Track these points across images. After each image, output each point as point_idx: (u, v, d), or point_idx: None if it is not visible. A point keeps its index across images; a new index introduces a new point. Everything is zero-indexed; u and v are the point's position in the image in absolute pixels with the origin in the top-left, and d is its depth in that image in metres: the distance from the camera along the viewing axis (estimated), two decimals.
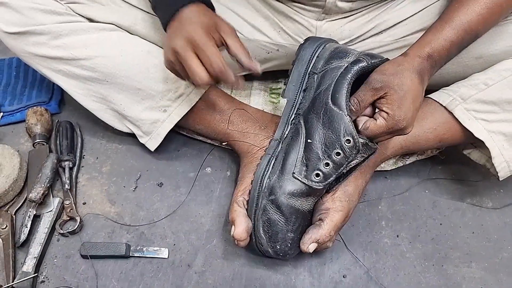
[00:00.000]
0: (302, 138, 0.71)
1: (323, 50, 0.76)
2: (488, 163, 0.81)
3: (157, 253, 0.78)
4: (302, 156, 0.70)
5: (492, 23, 0.71)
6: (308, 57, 0.76)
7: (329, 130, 0.68)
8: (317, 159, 0.68)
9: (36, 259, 0.75)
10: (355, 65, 0.69)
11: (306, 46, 0.77)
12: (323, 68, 0.73)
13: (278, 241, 0.71)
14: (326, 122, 0.68)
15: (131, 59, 0.79)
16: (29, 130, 0.91)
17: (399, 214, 0.85)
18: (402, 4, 0.81)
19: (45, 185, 0.80)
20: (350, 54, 0.72)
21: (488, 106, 0.75)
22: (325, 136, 0.68)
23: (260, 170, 0.72)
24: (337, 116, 0.67)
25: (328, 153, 0.68)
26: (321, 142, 0.68)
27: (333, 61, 0.72)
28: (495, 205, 0.88)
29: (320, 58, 0.75)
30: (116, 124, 0.86)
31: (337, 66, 0.71)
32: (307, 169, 0.69)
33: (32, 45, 0.77)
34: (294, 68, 0.77)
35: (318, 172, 0.69)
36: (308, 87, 0.74)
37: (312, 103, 0.72)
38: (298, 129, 0.72)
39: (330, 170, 0.68)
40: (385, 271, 0.78)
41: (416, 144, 0.81)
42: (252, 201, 0.72)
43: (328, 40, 0.78)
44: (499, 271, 0.79)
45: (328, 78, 0.71)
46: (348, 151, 0.67)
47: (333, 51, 0.74)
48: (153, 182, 0.87)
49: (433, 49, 0.67)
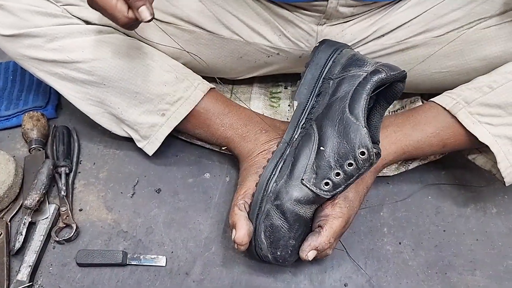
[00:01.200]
0: (315, 144, 0.69)
1: (339, 55, 0.75)
2: (494, 169, 0.79)
3: (155, 261, 0.76)
4: (313, 163, 0.68)
5: None
6: (324, 61, 0.75)
7: (344, 139, 0.67)
8: (329, 167, 0.67)
9: (31, 268, 0.73)
10: (374, 75, 0.68)
11: (322, 50, 0.76)
12: (340, 75, 0.72)
13: (279, 247, 0.69)
14: (342, 131, 0.67)
15: (128, 62, 0.77)
16: (25, 135, 0.89)
17: (401, 220, 0.84)
18: (403, 8, 0.79)
19: (41, 192, 0.79)
20: (368, 63, 0.71)
21: (493, 109, 0.74)
22: (339, 146, 0.67)
23: (267, 173, 0.71)
24: (353, 126, 0.66)
25: (340, 163, 0.67)
26: (334, 151, 0.67)
27: (351, 69, 0.71)
28: (500, 211, 0.86)
29: (336, 63, 0.74)
30: (113, 128, 0.85)
31: (355, 74, 0.70)
32: (317, 177, 0.68)
33: (28, 48, 0.76)
34: (308, 71, 0.75)
35: (327, 181, 0.67)
36: (322, 92, 0.73)
37: (327, 109, 0.70)
38: (310, 134, 0.70)
39: (340, 180, 0.67)
40: (387, 279, 0.76)
41: (419, 149, 0.79)
42: (255, 204, 0.70)
43: (344, 45, 0.77)
44: (504, 279, 0.77)
45: (345, 86, 0.70)
46: (361, 163, 0.66)
47: (351, 58, 0.73)
48: (151, 188, 0.86)
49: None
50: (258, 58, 0.86)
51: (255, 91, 0.99)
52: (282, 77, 1.00)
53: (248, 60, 0.86)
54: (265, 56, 0.85)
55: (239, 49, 0.84)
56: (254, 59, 0.86)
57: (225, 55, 0.84)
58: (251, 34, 0.82)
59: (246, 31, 0.82)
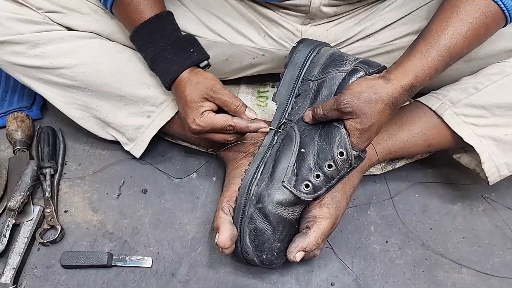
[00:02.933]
0: (296, 147, 0.69)
1: (318, 55, 0.74)
2: (478, 168, 0.79)
3: (140, 262, 0.76)
4: (294, 165, 0.68)
5: (475, 45, 0.67)
6: (302, 61, 0.74)
7: (324, 141, 0.67)
8: (308, 169, 0.67)
9: (15, 270, 0.73)
10: (353, 75, 0.68)
11: (300, 49, 0.75)
12: (320, 77, 0.71)
13: (265, 250, 0.69)
14: (323, 133, 0.67)
15: (112, 67, 0.77)
16: (10, 137, 0.88)
17: (388, 219, 0.84)
18: (388, 8, 0.79)
19: (25, 193, 0.78)
20: (347, 61, 0.71)
21: (478, 110, 0.74)
22: (319, 148, 0.67)
23: (248, 177, 0.71)
24: (333, 128, 0.66)
25: (319, 164, 0.66)
26: (314, 153, 0.67)
27: (330, 70, 0.71)
28: (486, 208, 0.86)
29: (315, 64, 0.73)
30: (99, 132, 0.85)
31: (335, 76, 0.70)
32: (297, 179, 0.67)
33: (10, 55, 0.76)
34: (286, 72, 0.75)
35: (307, 183, 0.67)
36: (302, 93, 0.73)
37: None
38: (292, 137, 0.70)
39: (320, 182, 0.67)
40: (374, 278, 0.76)
41: (405, 149, 0.79)
42: (239, 209, 0.70)
43: (323, 44, 0.76)
44: (490, 277, 0.77)
45: (326, 90, 0.70)
46: (341, 164, 0.66)
47: (329, 58, 0.73)
48: (137, 188, 0.86)
49: (417, 79, 0.63)
50: (243, 59, 0.85)
51: (243, 90, 0.99)
52: (269, 76, 1.00)
53: (233, 61, 0.86)
54: (251, 57, 0.85)
55: (224, 51, 0.83)
56: (240, 61, 0.86)
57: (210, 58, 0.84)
58: (235, 35, 0.82)
59: (230, 33, 0.81)
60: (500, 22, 0.65)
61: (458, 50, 0.64)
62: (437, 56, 0.63)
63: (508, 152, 0.74)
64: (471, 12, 0.63)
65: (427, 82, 0.64)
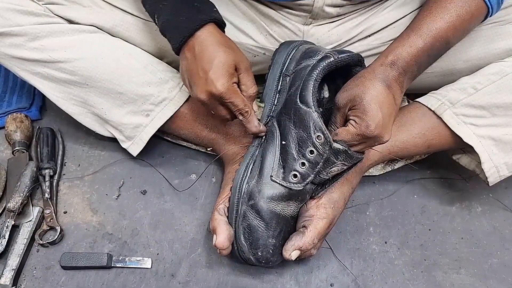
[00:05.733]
0: (277, 140, 0.70)
1: (296, 51, 0.75)
2: (478, 169, 0.80)
3: (140, 263, 0.76)
4: (279, 158, 0.69)
5: (463, 31, 0.69)
6: (282, 60, 0.75)
7: (300, 129, 0.67)
8: (293, 159, 0.68)
9: (14, 271, 0.73)
10: (321, 61, 0.69)
11: (281, 50, 0.77)
12: (294, 70, 0.72)
13: (259, 247, 0.69)
14: (297, 121, 0.68)
15: (112, 62, 0.76)
16: (9, 137, 0.88)
17: (387, 220, 0.84)
18: (389, 8, 0.79)
19: (24, 195, 0.78)
20: (319, 52, 0.71)
21: (477, 110, 0.74)
22: (297, 136, 0.68)
23: (239, 175, 0.71)
24: (305, 113, 0.67)
25: (302, 152, 0.67)
26: (295, 143, 0.68)
27: (302, 61, 0.72)
28: (484, 209, 0.87)
29: (292, 59, 0.74)
30: (97, 128, 0.84)
31: (306, 65, 0.71)
32: (284, 171, 0.68)
33: (9, 47, 0.75)
34: (270, 72, 0.76)
35: (295, 173, 0.68)
36: (282, 89, 0.74)
37: (284, 105, 0.71)
38: (273, 132, 0.71)
39: (306, 169, 0.67)
40: (373, 278, 0.76)
41: (404, 150, 0.79)
42: (232, 208, 0.70)
43: (302, 42, 0.77)
44: (488, 277, 0.78)
45: (297, 79, 0.71)
46: (321, 148, 0.66)
47: (304, 52, 0.74)
48: (136, 189, 0.85)
49: (396, 56, 0.65)
50: None
51: None
52: None
53: None
54: (251, 56, 0.85)
55: None
56: None
57: None
58: (237, 33, 0.82)
59: (232, 31, 0.81)
60: (482, 11, 0.68)
61: (442, 33, 0.66)
62: (417, 37, 0.66)
63: (508, 152, 0.75)
64: (454, 1, 0.66)
65: (412, 60, 0.66)
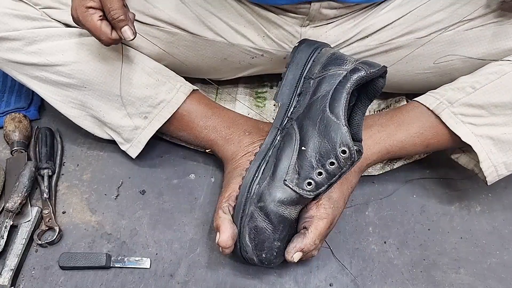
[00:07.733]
0: (296, 144, 0.69)
1: (319, 54, 0.74)
2: (476, 168, 0.80)
3: (139, 263, 0.76)
4: (295, 163, 0.68)
5: None
6: (304, 60, 0.74)
7: (324, 139, 0.67)
8: (311, 167, 0.67)
9: (13, 271, 0.72)
10: (354, 74, 0.68)
11: (302, 49, 0.76)
12: (320, 74, 0.72)
13: (264, 249, 0.69)
14: (323, 130, 0.67)
15: (109, 65, 0.76)
16: (7, 137, 0.88)
17: (386, 219, 0.84)
18: (386, 9, 0.79)
19: (23, 195, 0.78)
20: (347, 61, 0.71)
21: (476, 110, 0.74)
22: (320, 145, 0.67)
23: (250, 175, 0.70)
24: (334, 125, 0.66)
25: (322, 162, 0.66)
26: (316, 151, 0.67)
27: (331, 68, 0.71)
28: (484, 209, 0.87)
29: (316, 62, 0.74)
30: (96, 131, 0.84)
31: (335, 73, 0.70)
32: (299, 177, 0.67)
33: (6, 51, 0.75)
34: (289, 71, 0.75)
35: (310, 181, 0.67)
36: (303, 91, 0.73)
37: (307, 109, 0.70)
38: (292, 135, 0.70)
39: (322, 179, 0.67)
40: (373, 278, 0.76)
41: (403, 149, 0.79)
42: (239, 207, 0.69)
43: (324, 45, 0.77)
44: (487, 277, 0.78)
45: (326, 85, 0.70)
46: (343, 161, 0.66)
47: (330, 57, 0.73)
48: (135, 189, 0.85)
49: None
50: (242, 59, 0.85)
51: (241, 91, 0.99)
52: (267, 77, 1.00)
53: (232, 61, 0.86)
54: (249, 57, 0.85)
55: (223, 51, 0.83)
56: (238, 61, 0.86)
57: (208, 57, 0.84)
58: (234, 35, 0.82)
59: (230, 33, 0.81)
60: None
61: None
62: None
63: (506, 152, 0.74)
64: None
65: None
